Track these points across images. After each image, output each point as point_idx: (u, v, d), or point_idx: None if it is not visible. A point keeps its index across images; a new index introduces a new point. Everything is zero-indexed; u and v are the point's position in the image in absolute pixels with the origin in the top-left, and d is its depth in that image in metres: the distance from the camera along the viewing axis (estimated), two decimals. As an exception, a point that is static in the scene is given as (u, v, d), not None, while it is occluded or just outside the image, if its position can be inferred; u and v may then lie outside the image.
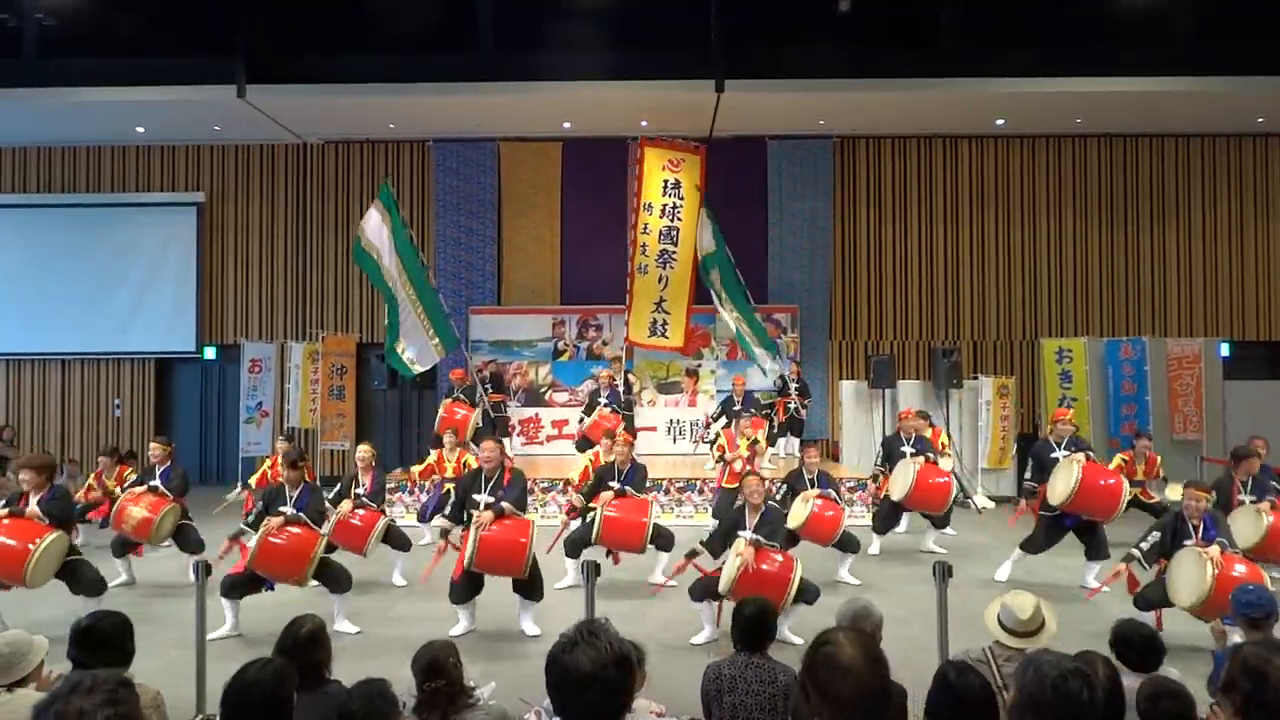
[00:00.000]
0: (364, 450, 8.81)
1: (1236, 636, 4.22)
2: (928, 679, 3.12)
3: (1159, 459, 10.12)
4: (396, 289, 11.81)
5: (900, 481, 9.22)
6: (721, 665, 3.86)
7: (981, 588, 7.98)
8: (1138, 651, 3.73)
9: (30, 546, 6.40)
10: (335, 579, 6.99)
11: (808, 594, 6.44)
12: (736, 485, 8.14)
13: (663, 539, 8.09)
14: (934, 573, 4.81)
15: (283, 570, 6.79)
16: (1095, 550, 8.23)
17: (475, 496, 6.93)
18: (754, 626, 3.95)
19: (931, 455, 9.58)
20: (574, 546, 7.92)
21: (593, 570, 4.85)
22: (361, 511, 8.22)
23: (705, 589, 6.59)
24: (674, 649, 6.37)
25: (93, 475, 9.83)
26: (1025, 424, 14.09)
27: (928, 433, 10.20)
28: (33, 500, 6.76)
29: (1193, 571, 6.01)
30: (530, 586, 6.90)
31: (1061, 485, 7.97)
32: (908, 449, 9.62)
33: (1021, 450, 13.61)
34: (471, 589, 6.89)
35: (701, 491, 11.44)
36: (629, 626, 6.78)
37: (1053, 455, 8.60)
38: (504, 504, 6.77)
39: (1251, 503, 7.64)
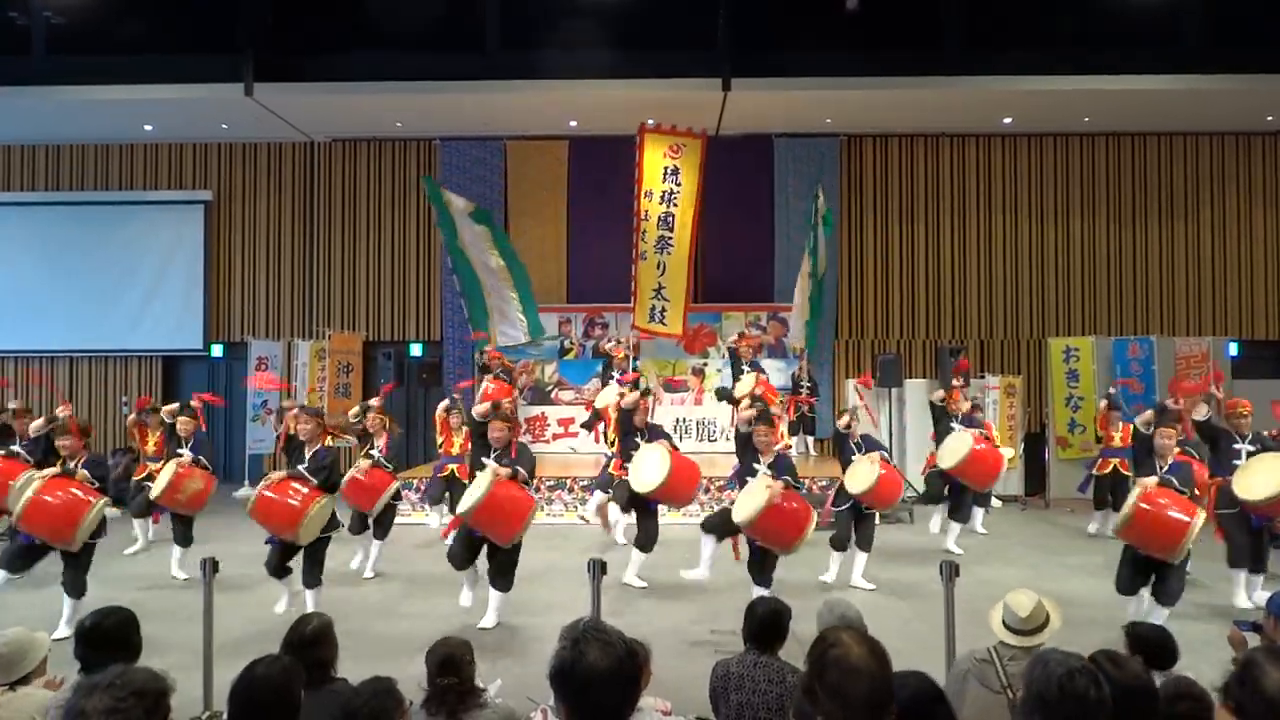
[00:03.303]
0: (376, 413, 9.04)
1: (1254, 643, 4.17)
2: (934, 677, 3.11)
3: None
4: (486, 268, 12.83)
5: (955, 450, 9.27)
6: (730, 663, 3.86)
7: (988, 588, 7.95)
8: (1154, 652, 3.71)
9: (92, 502, 6.70)
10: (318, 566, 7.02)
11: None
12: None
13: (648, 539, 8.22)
14: (941, 572, 4.81)
15: (277, 526, 6.83)
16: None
17: (484, 460, 6.98)
18: (766, 626, 3.95)
19: (982, 433, 9.62)
20: (716, 527, 7.63)
21: (599, 569, 4.84)
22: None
23: (720, 524, 7.08)
24: (681, 648, 6.36)
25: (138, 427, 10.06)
26: (1032, 423, 14.05)
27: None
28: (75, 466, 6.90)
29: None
30: (505, 572, 6.94)
31: (1263, 486, 6.92)
32: (957, 425, 9.66)
33: (1029, 450, 13.63)
34: (469, 550, 6.95)
35: (707, 490, 11.42)
36: (635, 626, 6.79)
37: (1235, 447, 7.62)
38: (519, 469, 6.94)
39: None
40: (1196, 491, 6.57)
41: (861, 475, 8.10)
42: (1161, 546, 6.31)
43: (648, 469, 7.96)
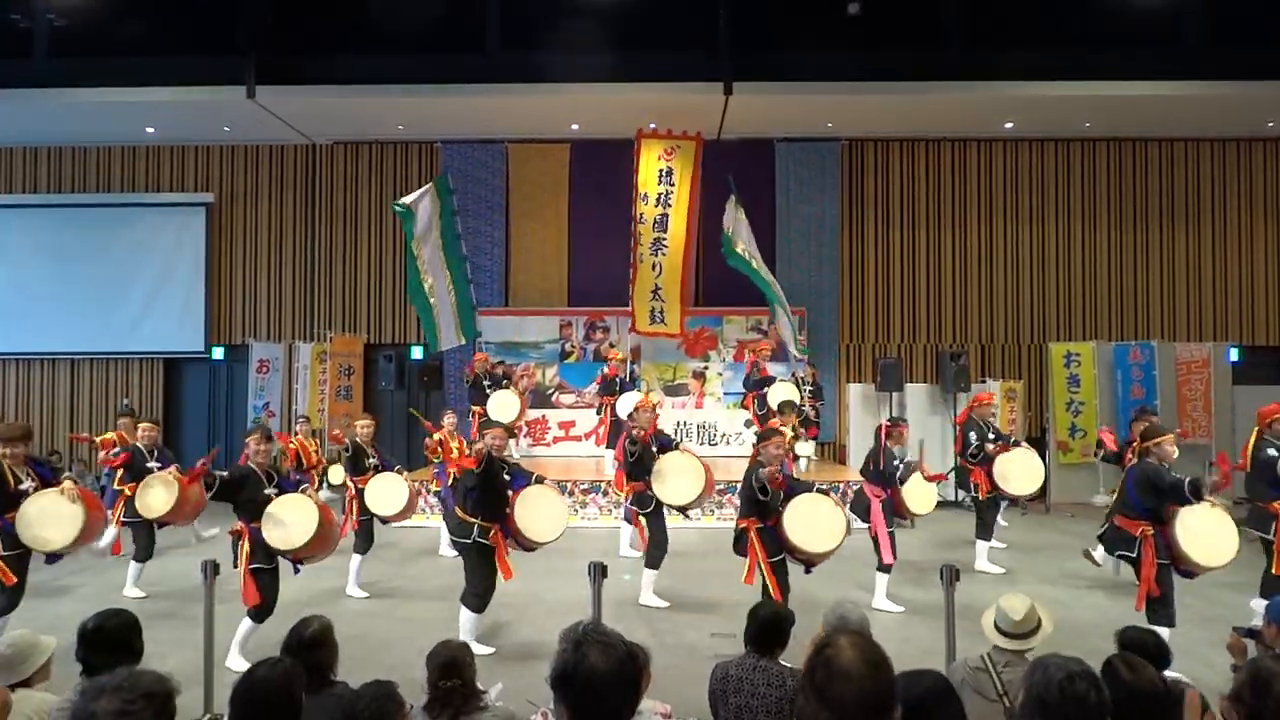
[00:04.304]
0: (368, 423, 8.84)
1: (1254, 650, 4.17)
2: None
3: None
4: (436, 271, 12.43)
5: (1031, 476, 9.06)
6: (729, 666, 3.86)
7: (989, 592, 7.95)
8: (1145, 655, 3.72)
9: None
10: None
11: None
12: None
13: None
14: (941, 577, 4.81)
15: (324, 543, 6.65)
16: None
17: (506, 477, 6.80)
18: (767, 629, 3.95)
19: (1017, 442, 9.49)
20: None
21: (599, 572, 4.84)
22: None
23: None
24: (681, 651, 6.36)
25: (114, 433, 9.48)
26: (1033, 428, 14.05)
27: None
28: (25, 477, 6.35)
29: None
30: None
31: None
32: (992, 437, 9.40)
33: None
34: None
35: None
36: (635, 629, 6.80)
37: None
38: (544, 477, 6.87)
39: None
40: None
41: (927, 497, 7.95)
42: None
43: (681, 485, 7.75)
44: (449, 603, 6.97)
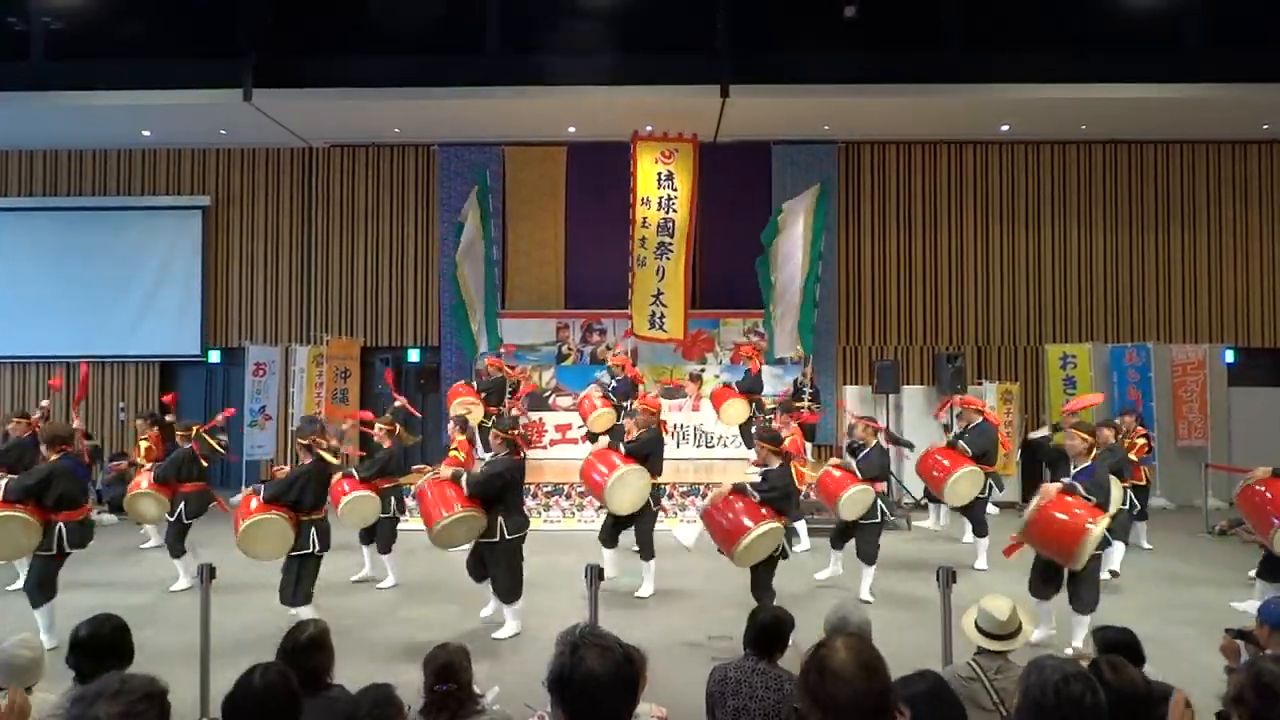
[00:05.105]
0: (384, 421, 9.12)
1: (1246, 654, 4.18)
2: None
3: (1147, 441, 10.31)
4: (475, 274, 12.78)
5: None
6: (728, 668, 3.86)
7: (985, 594, 7.93)
8: (1120, 654, 3.73)
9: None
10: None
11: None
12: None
13: (645, 549, 8.28)
14: (937, 578, 4.82)
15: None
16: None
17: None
18: (767, 632, 3.95)
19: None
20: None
21: (595, 574, 4.84)
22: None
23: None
24: (677, 653, 6.36)
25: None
26: (1029, 430, 14.04)
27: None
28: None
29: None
30: (512, 586, 6.94)
31: None
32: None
33: (1026, 457, 13.58)
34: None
35: (705, 496, 11.41)
36: (632, 631, 6.79)
37: None
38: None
39: None
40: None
41: (857, 503, 8.33)
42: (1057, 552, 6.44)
43: (619, 494, 8.45)
44: (448, 604, 6.98)
